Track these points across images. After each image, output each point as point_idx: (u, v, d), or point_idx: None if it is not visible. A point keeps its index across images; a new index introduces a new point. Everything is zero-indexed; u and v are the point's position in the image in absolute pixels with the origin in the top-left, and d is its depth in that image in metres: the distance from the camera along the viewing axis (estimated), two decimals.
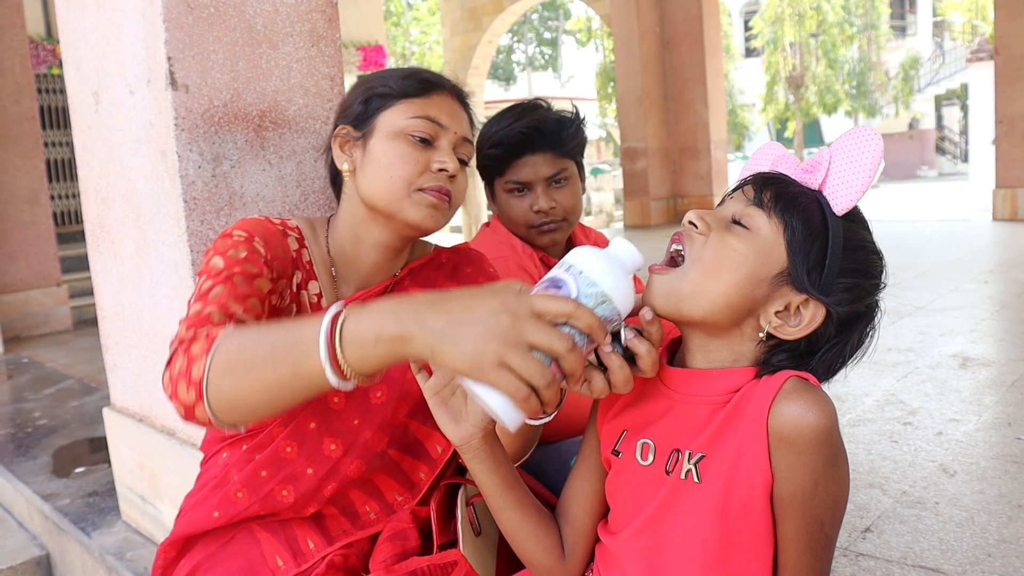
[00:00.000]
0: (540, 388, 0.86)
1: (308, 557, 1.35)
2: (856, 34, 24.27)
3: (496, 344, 0.85)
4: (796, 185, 1.08)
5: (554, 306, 0.89)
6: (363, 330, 0.92)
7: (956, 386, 3.47)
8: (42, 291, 6.22)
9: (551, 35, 35.58)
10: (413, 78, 1.39)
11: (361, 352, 0.92)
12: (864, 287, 1.06)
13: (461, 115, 1.42)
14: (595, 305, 0.93)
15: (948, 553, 2.06)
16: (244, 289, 1.21)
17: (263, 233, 1.32)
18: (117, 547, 2.23)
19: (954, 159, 30.67)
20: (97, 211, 2.12)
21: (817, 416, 0.98)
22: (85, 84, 2.04)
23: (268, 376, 0.98)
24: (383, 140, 1.35)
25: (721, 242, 1.04)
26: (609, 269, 0.96)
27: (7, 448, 3.33)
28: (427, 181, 1.34)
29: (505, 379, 0.86)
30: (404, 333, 0.89)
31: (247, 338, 1.02)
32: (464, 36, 14.78)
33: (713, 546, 1.05)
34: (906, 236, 9.37)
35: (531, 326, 0.86)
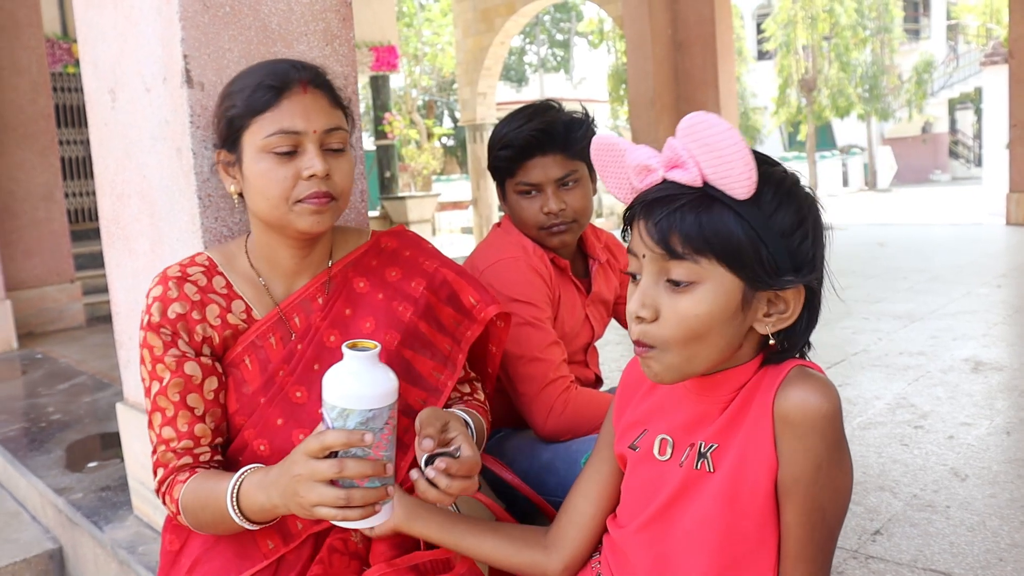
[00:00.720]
0: (347, 504, 1.11)
1: (296, 537, 1.40)
2: (869, 37, 24.14)
3: (299, 495, 1.13)
4: (685, 201, 1.01)
5: (313, 445, 1.11)
6: (251, 506, 1.26)
7: (968, 390, 3.46)
8: (56, 288, 6.26)
9: (563, 37, 35.57)
10: (259, 89, 1.37)
11: (256, 516, 1.27)
12: (807, 221, 1.05)
13: (319, 106, 1.38)
14: (344, 422, 1.11)
15: (959, 557, 2.05)
16: (171, 410, 1.39)
17: (161, 305, 1.41)
18: (129, 541, 2.25)
19: (967, 163, 30.50)
20: (112, 207, 2.14)
21: (820, 399, 1.00)
22: (102, 82, 2.06)
23: (216, 525, 1.33)
24: (251, 162, 1.37)
25: (678, 316, 1.02)
26: (339, 384, 1.12)
27: (21, 442, 3.35)
28: (303, 191, 1.36)
29: (324, 512, 1.13)
30: (273, 504, 1.21)
31: (196, 507, 1.33)
32: (476, 37, 14.80)
33: (719, 533, 1.07)
34: (918, 240, 9.34)
35: (308, 469, 1.11)
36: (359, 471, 1.10)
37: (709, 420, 1.11)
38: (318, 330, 1.46)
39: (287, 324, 1.46)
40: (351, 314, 1.48)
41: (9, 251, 5.89)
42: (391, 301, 1.50)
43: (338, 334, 1.46)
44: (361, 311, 1.49)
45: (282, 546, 1.39)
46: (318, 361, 1.44)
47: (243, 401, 1.43)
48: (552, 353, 1.79)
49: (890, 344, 4.37)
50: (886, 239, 9.74)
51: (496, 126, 1.94)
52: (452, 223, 19.81)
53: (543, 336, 1.80)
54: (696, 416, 1.12)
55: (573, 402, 1.78)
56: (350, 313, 1.48)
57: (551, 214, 1.87)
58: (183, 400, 1.39)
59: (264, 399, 1.42)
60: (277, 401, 1.42)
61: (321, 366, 1.43)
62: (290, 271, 1.49)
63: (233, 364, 1.44)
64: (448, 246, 15.38)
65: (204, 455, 1.40)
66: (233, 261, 1.50)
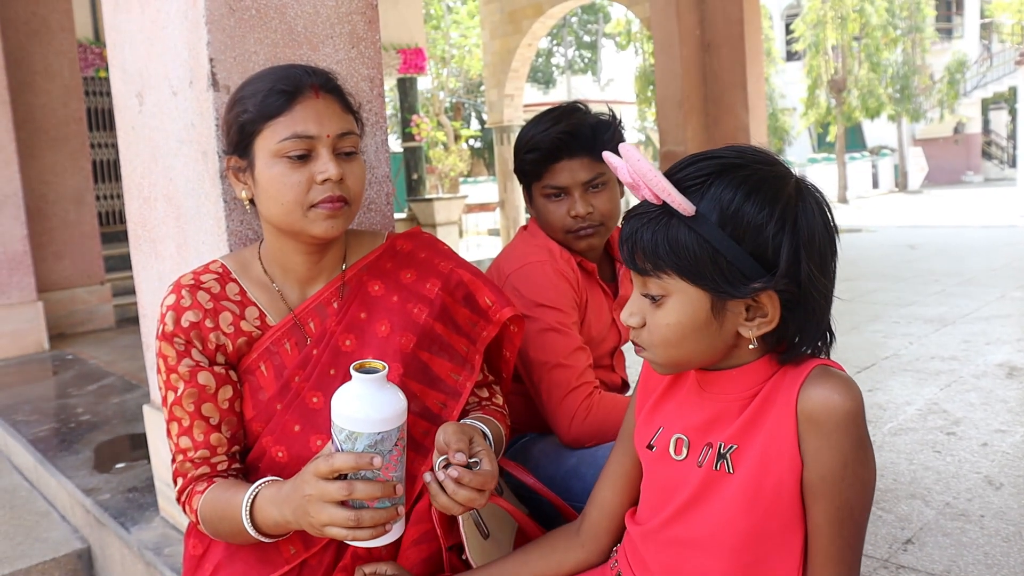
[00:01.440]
0: (357, 524, 1.12)
1: (318, 542, 1.39)
2: (900, 37, 23.84)
3: (309, 515, 1.15)
4: (646, 221, 1.06)
5: (322, 466, 1.13)
6: (266, 520, 1.27)
7: (1002, 396, 3.40)
8: (86, 289, 6.33)
9: (590, 38, 35.50)
10: (272, 94, 1.36)
11: (270, 530, 1.29)
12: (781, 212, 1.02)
13: (331, 110, 1.38)
14: (352, 445, 1.12)
15: (994, 568, 2.01)
16: (186, 420, 1.39)
17: (175, 314, 1.41)
18: (155, 542, 2.26)
19: (1001, 164, 30.05)
20: (139, 210, 2.15)
21: (843, 397, 1.01)
22: (129, 85, 2.07)
23: (238, 540, 1.36)
24: (264, 167, 1.36)
25: (656, 326, 1.09)
26: (348, 407, 1.12)
27: (51, 442, 3.39)
28: (316, 195, 1.35)
29: (334, 532, 1.14)
30: (284, 520, 1.23)
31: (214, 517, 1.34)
32: (504, 39, 14.79)
33: (742, 534, 1.07)
34: (950, 242, 9.21)
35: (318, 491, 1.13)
36: (368, 494, 1.12)
37: (726, 420, 1.11)
38: (333, 335, 1.45)
39: (302, 329, 1.46)
40: (366, 318, 1.47)
41: (40, 253, 5.96)
42: (406, 303, 1.49)
43: (353, 338, 1.45)
44: (376, 314, 1.47)
45: (303, 551, 1.39)
46: (334, 366, 1.43)
47: (259, 408, 1.43)
48: (577, 359, 1.78)
49: (921, 348, 4.30)
50: (917, 241, 9.62)
51: (522, 129, 1.93)
52: (479, 225, 19.82)
53: (568, 342, 1.78)
54: (712, 416, 1.13)
55: (596, 408, 1.76)
56: (365, 317, 1.47)
57: (578, 217, 1.85)
58: (198, 410, 1.39)
59: (280, 405, 1.42)
60: (294, 407, 1.42)
61: (337, 371, 1.42)
62: (303, 277, 1.48)
63: (248, 371, 1.44)
64: (475, 248, 15.41)
65: (221, 464, 1.41)
66: (247, 268, 1.50)
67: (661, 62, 11.74)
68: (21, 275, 5.55)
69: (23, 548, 2.71)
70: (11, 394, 4.39)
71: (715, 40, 11.69)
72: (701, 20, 11.65)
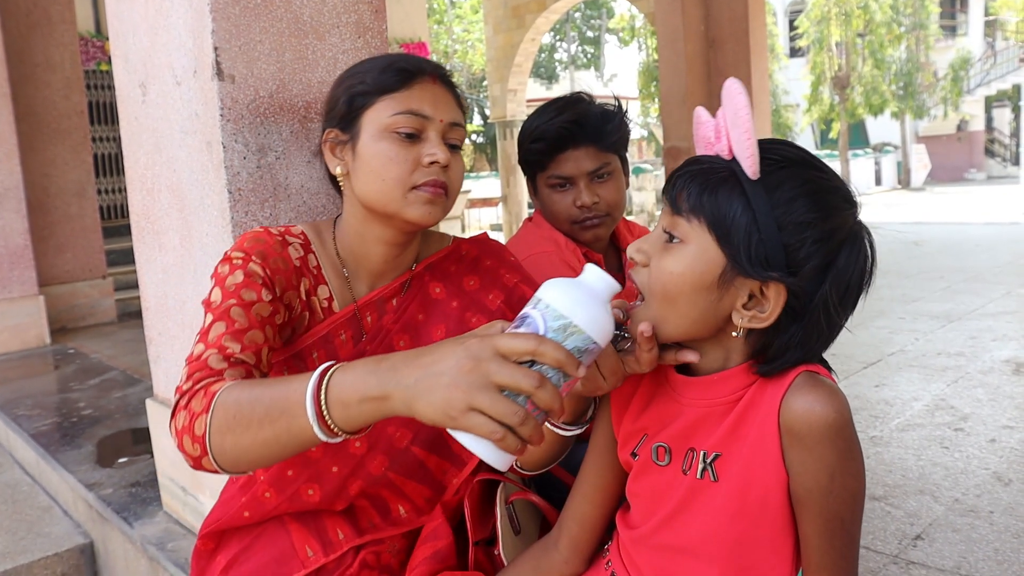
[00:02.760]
0: (515, 427, 0.87)
1: (337, 548, 1.35)
2: (904, 34, 23.79)
3: (462, 391, 0.87)
4: (707, 168, 1.02)
5: (517, 344, 0.89)
6: (347, 392, 0.97)
7: (1009, 392, 3.38)
8: (88, 283, 6.32)
9: (594, 34, 35.46)
10: (391, 70, 1.33)
11: (346, 412, 0.97)
12: (821, 232, 0.99)
13: (446, 99, 1.36)
14: (563, 338, 0.92)
15: (1004, 564, 1.99)
16: (242, 323, 1.22)
17: (261, 250, 1.31)
18: (158, 537, 2.24)
19: (1004, 162, 29.99)
20: (142, 202, 2.13)
21: (826, 409, 0.97)
22: (133, 75, 2.05)
23: (264, 435, 1.03)
24: (370, 141, 1.32)
25: (659, 269, 1.03)
26: (577, 299, 0.95)
27: (53, 437, 3.37)
28: (420, 177, 1.31)
29: (477, 422, 0.87)
30: (384, 392, 0.94)
31: (242, 397, 1.06)
32: (507, 34, 14.76)
33: (731, 541, 1.04)
34: (955, 239, 9.19)
35: (495, 367, 0.88)
36: (548, 402, 0.88)
37: (707, 426, 1.07)
38: (388, 333, 1.39)
39: (360, 322, 1.40)
40: (424, 319, 1.42)
41: (42, 247, 5.94)
42: (465, 311, 1.44)
43: (408, 339, 1.39)
44: (435, 318, 1.42)
45: (322, 555, 1.34)
46: None
47: None
48: None
49: (927, 344, 4.28)
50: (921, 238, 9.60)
51: (527, 119, 1.91)
52: (482, 220, 19.78)
53: None
54: (693, 422, 1.09)
55: None
56: (423, 319, 1.42)
57: (584, 207, 1.83)
58: (261, 324, 1.23)
59: None
60: None
61: None
62: (375, 270, 1.42)
63: (301, 356, 1.36)
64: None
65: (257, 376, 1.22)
66: (323, 245, 1.43)
67: (665, 57, 11.71)
68: (22, 269, 5.54)
69: (25, 543, 2.70)
70: (12, 388, 4.37)
71: (719, 36, 11.66)
72: (705, 16, 11.62)
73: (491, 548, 1.41)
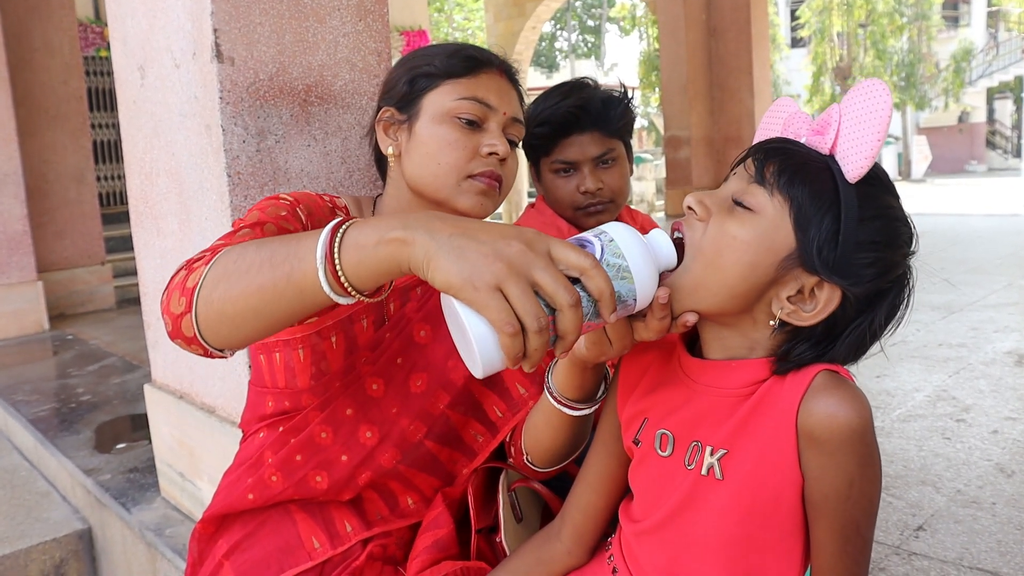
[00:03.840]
0: (529, 330, 0.78)
1: (345, 540, 1.33)
2: (906, 24, 23.70)
3: (499, 266, 0.78)
4: (803, 153, 0.98)
5: (572, 256, 0.82)
6: (366, 232, 0.86)
7: (1012, 383, 3.37)
8: (87, 270, 6.30)
9: (594, 23, 35.33)
10: (459, 56, 1.32)
11: (359, 255, 0.86)
12: (887, 260, 0.96)
13: (511, 94, 1.35)
14: (614, 276, 0.87)
15: (1007, 556, 1.98)
16: (273, 233, 1.15)
17: (310, 204, 1.28)
18: (156, 523, 2.23)
19: (1005, 154, 29.95)
20: (141, 186, 2.11)
21: (849, 414, 0.92)
22: (131, 58, 2.03)
23: (261, 281, 0.92)
24: (429, 124, 1.30)
25: (721, 229, 0.97)
26: (640, 250, 0.90)
27: (52, 422, 3.36)
28: (477, 167, 1.29)
29: (497, 304, 0.78)
30: (407, 236, 0.83)
31: (249, 246, 0.97)
32: (507, 22, 14.71)
33: (737, 542, 1.01)
34: (956, 230, 9.18)
35: (542, 263, 0.80)
36: (575, 325, 0.81)
37: (714, 419, 1.03)
38: (410, 322, 1.35)
39: (383, 308, 1.36)
40: None
41: (40, 232, 5.92)
42: None
43: (429, 330, 1.36)
44: None
45: (329, 548, 1.31)
46: (402, 356, 1.34)
47: (319, 380, 1.32)
48: None
49: (929, 335, 4.27)
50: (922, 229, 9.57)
51: (532, 104, 1.89)
52: None
53: None
54: (700, 412, 1.05)
55: None
56: None
57: (588, 193, 1.81)
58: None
59: (339, 384, 1.32)
60: (352, 391, 1.32)
61: (404, 361, 1.34)
62: None
63: (320, 336, 1.31)
64: None
65: None
66: None
67: (666, 47, 11.68)
68: (21, 255, 5.52)
69: (24, 528, 2.69)
70: (11, 374, 4.36)
71: (721, 25, 11.62)
72: (707, 5, 11.58)
73: (493, 536, 1.40)
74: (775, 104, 1.11)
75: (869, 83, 0.95)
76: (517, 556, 1.29)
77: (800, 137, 1.02)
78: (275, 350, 1.33)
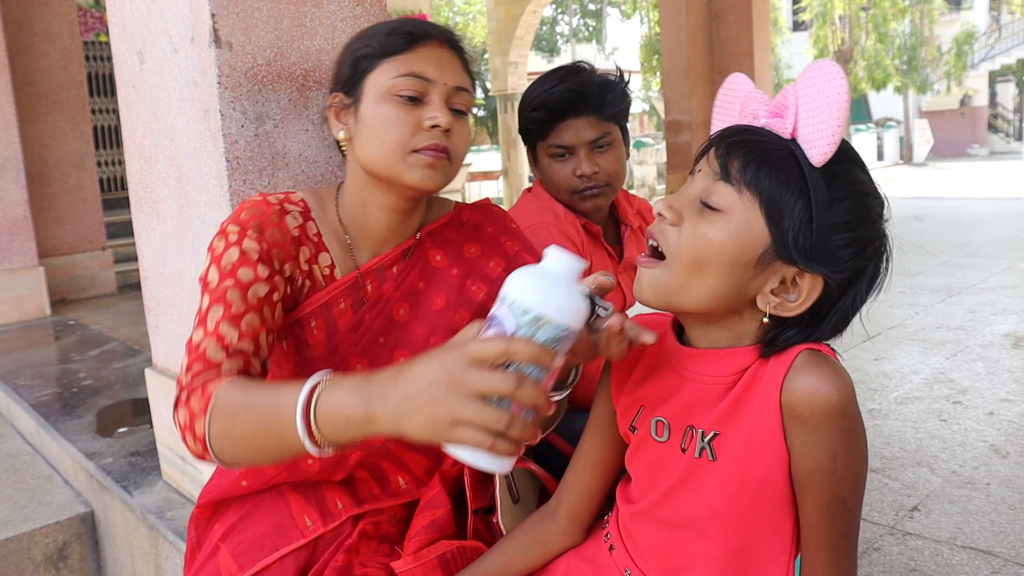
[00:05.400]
0: (503, 431, 0.85)
1: (336, 517, 1.35)
2: (908, 7, 23.60)
3: (444, 406, 0.86)
4: (765, 143, 0.98)
5: (489, 349, 0.87)
6: (333, 413, 0.96)
7: (1008, 366, 3.38)
8: (88, 255, 6.31)
9: (595, 6, 35.17)
10: (396, 33, 1.32)
11: (334, 431, 0.96)
12: (863, 237, 0.98)
13: (452, 63, 1.34)
14: (534, 332, 0.90)
15: (1000, 535, 2.00)
16: (239, 307, 1.22)
17: (258, 222, 1.29)
18: (158, 506, 2.25)
19: (1007, 137, 29.87)
20: (140, 171, 2.12)
21: (829, 390, 0.94)
22: (130, 43, 2.04)
23: (259, 443, 1.05)
24: (372, 104, 1.31)
25: (695, 232, 0.98)
26: (542, 288, 0.92)
27: (54, 407, 3.38)
28: (421, 141, 1.29)
29: (466, 435, 0.86)
30: (369, 415, 0.92)
31: (237, 404, 1.07)
32: (508, 6, 14.65)
33: (730, 520, 1.03)
34: (956, 214, 9.17)
35: (472, 377, 0.86)
36: (532, 398, 0.86)
37: (707, 404, 1.05)
38: (388, 301, 1.38)
39: (362, 290, 1.39)
40: (424, 287, 1.41)
41: (41, 218, 5.93)
42: (466, 279, 1.43)
43: (408, 308, 1.39)
44: (435, 286, 1.41)
45: (321, 525, 1.34)
46: (384, 335, 1.36)
47: (302, 365, 1.35)
48: None
49: (927, 318, 4.29)
50: (923, 213, 9.58)
51: (528, 88, 1.90)
52: (482, 193, 19.73)
53: None
54: (692, 398, 1.07)
55: None
56: (423, 287, 1.41)
57: (584, 177, 1.82)
58: (258, 307, 1.23)
59: (324, 367, 1.30)
60: (335, 369, 1.33)
61: (386, 340, 1.36)
62: (378, 237, 1.40)
63: (299, 324, 1.35)
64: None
65: (255, 367, 1.22)
66: (324, 211, 1.41)
67: (667, 30, 11.63)
68: (22, 240, 5.53)
69: (26, 512, 2.71)
70: (13, 359, 4.38)
71: (722, 9, 11.57)
72: None
73: (489, 516, 1.42)
74: (729, 81, 1.10)
75: (821, 64, 0.96)
76: (513, 536, 1.31)
77: (758, 119, 1.01)
78: None
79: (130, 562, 2.44)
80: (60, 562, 2.65)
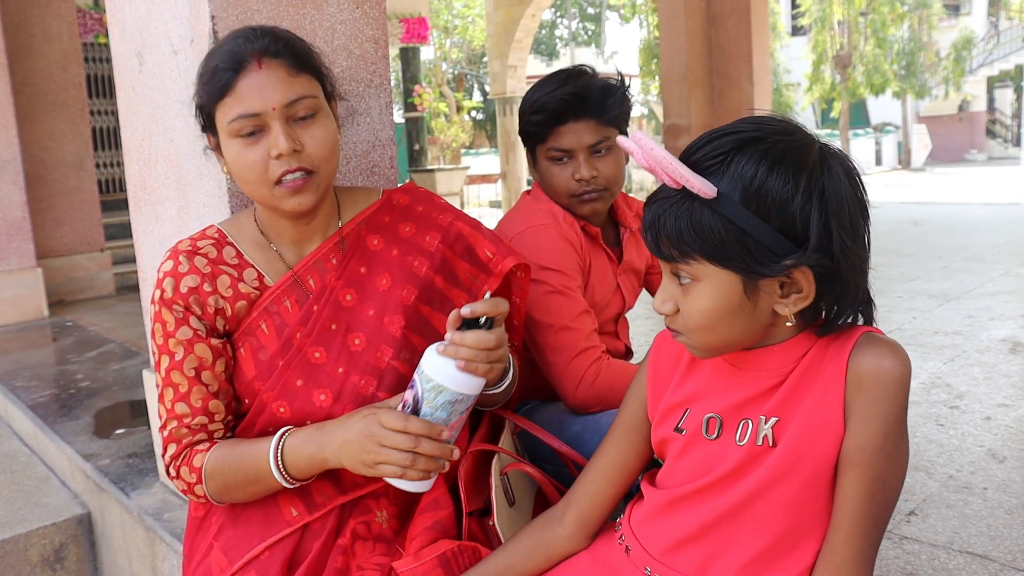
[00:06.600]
0: (410, 467, 1.22)
1: (321, 507, 1.39)
2: (907, 13, 23.60)
3: (366, 453, 1.24)
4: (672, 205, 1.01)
5: (392, 422, 1.22)
6: (295, 457, 1.32)
7: (1006, 371, 3.38)
8: (86, 256, 6.31)
9: (595, 10, 35.20)
10: (217, 74, 1.31)
11: (299, 470, 1.33)
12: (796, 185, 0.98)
13: (275, 79, 1.31)
14: (435, 396, 1.23)
15: (997, 540, 2.00)
16: (183, 386, 1.38)
17: (173, 280, 1.39)
18: (155, 507, 2.25)
19: (1005, 143, 29.91)
20: (139, 173, 2.12)
21: (895, 362, 1.00)
22: (129, 45, 2.04)
23: (252, 491, 1.38)
24: (226, 146, 1.36)
25: (689, 312, 1.05)
26: (441, 364, 1.23)
27: (51, 408, 3.38)
28: (276, 170, 1.32)
29: (385, 471, 1.24)
30: (322, 456, 1.30)
31: (226, 469, 1.35)
32: (507, 9, 14.66)
33: (778, 505, 1.05)
34: (954, 219, 9.19)
35: (382, 435, 1.23)
36: (430, 452, 1.22)
37: (763, 395, 1.08)
38: (333, 290, 1.43)
39: (302, 286, 1.44)
40: (366, 272, 1.46)
41: (39, 219, 5.92)
42: (406, 256, 1.47)
43: (354, 292, 1.44)
44: (377, 268, 1.46)
45: (306, 514, 1.38)
46: (335, 321, 1.42)
47: (261, 367, 1.41)
48: (583, 322, 1.76)
49: (925, 323, 4.29)
50: (921, 218, 9.59)
51: (528, 91, 1.90)
52: (481, 196, 19.74)
53: (573, 305, 1.76)
54: (746, 393, 1.09)
55: (604, 373, 1.74)
56: (365, 271, 1.46)
57: (583, 181, 1.82)
58: (198, 376, 1.38)
59: (282, 362, 1.40)
60: (296, 363, 1.40)
61: (338, 326, 1.42)
62: (297, 239, 1.47)
63: (249, 331, 1.42)
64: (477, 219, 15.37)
65: (218, 431, 1.40)
66: (243, 230, 1.48)
67: (666, 34, 11.63)
68: (20, 241, 5.52)
69: (23, 513, 2.71)
70: (11, 360, 4.38)
71: (721, 13, 11.57)
72: None
73: (484, 519, 1.42)
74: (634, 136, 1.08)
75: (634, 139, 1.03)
76: (517, 539, 1.31)
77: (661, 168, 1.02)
78: None
79: (127, 563, 2.44)
80: (57, 563, 2.65)
